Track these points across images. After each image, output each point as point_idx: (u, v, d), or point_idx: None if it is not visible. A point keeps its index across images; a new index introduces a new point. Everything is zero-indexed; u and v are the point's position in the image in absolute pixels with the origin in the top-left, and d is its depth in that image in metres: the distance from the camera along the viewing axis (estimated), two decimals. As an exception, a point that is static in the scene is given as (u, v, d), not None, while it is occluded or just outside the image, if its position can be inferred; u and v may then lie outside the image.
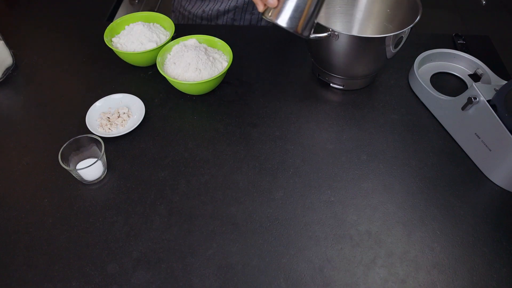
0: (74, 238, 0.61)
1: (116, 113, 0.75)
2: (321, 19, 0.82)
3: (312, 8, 0.63)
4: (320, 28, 0.68)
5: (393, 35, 0.68)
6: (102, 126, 0.73)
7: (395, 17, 0.78)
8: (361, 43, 0.70)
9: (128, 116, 0.76)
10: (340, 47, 0.71)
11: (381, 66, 0.79)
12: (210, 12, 0.99)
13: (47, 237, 0.61)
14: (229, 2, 0.97)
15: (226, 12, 0.98)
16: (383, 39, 0.69)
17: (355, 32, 0.85)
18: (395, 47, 0.72)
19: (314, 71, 0.83)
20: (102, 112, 0.76)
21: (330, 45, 0.71)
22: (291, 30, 0.63)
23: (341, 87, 0.80)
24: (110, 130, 0.73)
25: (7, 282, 0.57)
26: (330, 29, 0.67)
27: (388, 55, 0.74)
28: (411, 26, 0.68)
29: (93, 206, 0.64)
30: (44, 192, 0.66)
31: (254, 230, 0.61)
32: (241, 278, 0.57)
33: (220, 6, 0.97)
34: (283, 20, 0.62)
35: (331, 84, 0.80)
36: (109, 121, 0.74)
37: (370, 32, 0.83)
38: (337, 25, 0.84)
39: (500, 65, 0.85)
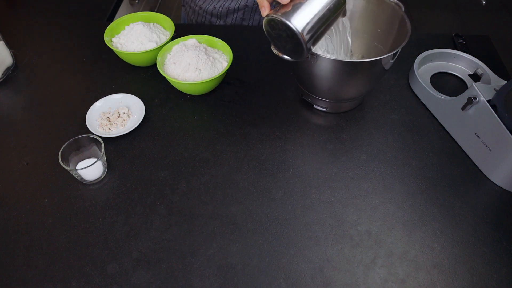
0: (74, 238, 0.61)
1: (116, 113, 0.75)
2: None
3: (324, 19, 0.58)
4: None
5: (378, 59, 0.63)
6: (102, 126, 0.73)
7: (385, 36, 0.74)
8: (341, 66, 0.65)
9: (128, 116, 0.76)
10: (319, 70, 0.66)
11: (367, 90, 0.74)
12: (220, 9, 0.99)
13: (47, 237, 0.61)
14: (239, 0, 0.97)
15: (236, 10, 0.99)
16: (362, 63, 0.64)
17: (342, 51, 0.79)
18: (381, 70, 0.67)
19: (298, 91, 0.80)
20: (102, 112, 0.76)
21: (309, 67, 0.67)
22: (296, 32, 0.56)
23: (324, 109, 0.77)
24: (110, 130, 0.73)
25: (7, 282, 0.57)
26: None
27: (372, 79, 0.69)
28: (393, 52, 0.63)
29: (93, 206, 0.64)
30: (44, 192, 0.66)
31: (254, 230, 0.61)
32: (241, 278, 0.57)
33: (230, 4, 0.98)
34: (291, 19, 0.56)
35: (314, 106, 0.77)
36: (109, 121, 0.74)
37: (357, 51, 0.79)
38: (324, 42, 0.79)
39: (500, 65, 0.85)
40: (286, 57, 0.63)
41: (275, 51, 0.64)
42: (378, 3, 0.72)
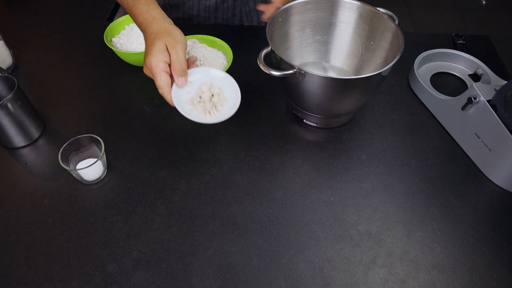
0: (74, 238, 0.61)
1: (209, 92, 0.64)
2: (296, 50, 0.77)
3: None
4: (287, 64, 0.63)
5: (365, 77, 0.62)
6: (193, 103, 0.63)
7: (378, 49, 0.73)
8: (329, 83, 0.63)
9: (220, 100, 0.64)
10: (308, 86, 0.64)
11: (357, 106, 0.72)
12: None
13: (47, 237, 0.61)
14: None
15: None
16: (352, 80, 0.63)
17: (333, 64, 0.80)
18: (372, 86, 0.66)
19: (288, 105, 0.78)
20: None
21: (298, 83, 0.64)
22: None
23: (314, 124, 0.75)
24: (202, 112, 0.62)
25: (7, 282, 0.57)
26: (296, 67, 0.61)
27: (362, 95, 0.68)
28: (384, 69, 0.61)
29: (93, 206, 0.64)
30: (44, 192, 0.66)
31: (254, 230, 0.61)
32: (241, 278, 0.57)
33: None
34: None
35: (304, 121, 0.75)
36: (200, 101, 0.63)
37: (350, 64, 0.78)
38: (316, 54, 0.80)
39: (500, 65, 0.85)
40: (273, 72, 0.62)
41: (262, 66, 0.62)
42: (372, 16, 0.71)
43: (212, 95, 0.64)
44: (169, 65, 0.61)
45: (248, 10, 0.97)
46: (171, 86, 0.61)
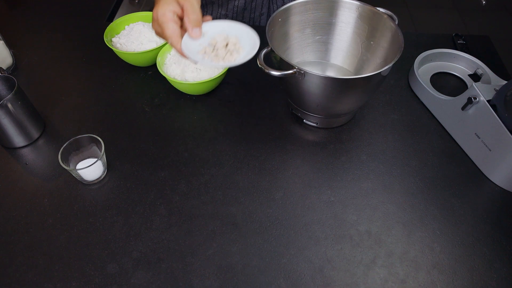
0: (74, 238, 0.61)
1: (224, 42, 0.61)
2: (296, 50, 0.77)
3: None
4: (286, 64, 0.62)
5: (365, 77, 0.62)
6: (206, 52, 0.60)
7: (378, 49, 0.73)
8: (329, 83, 0.63)
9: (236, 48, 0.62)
10: (308, 86, 0.64)
11: (357, 106, 0.72)
12: None
13: (47, 237, 0.61)
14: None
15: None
16: (351, 80, 0.62)
17: (332, 66, 0.80)
18: (372, 86, 0.66)
19: (288, 105, 0.78)
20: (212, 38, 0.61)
21: (297, 83, 0.64)
22: None
23: (314, 124, 0.75)
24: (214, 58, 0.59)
25: (7, 282, 0.57)
26: (296, 67, 0.61)
27: (362, 95, 0.67)
28: (384, 68, 0.61)
29: (93, 206, 0.64)
30: (44, 192, 0.66)
31: (254, 230, 0.61)
32: (241, 278, 0.57)
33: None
34: None
35: (304, 121, 0.75)
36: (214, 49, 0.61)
37: (351, 64, 0.78)
38: (316, 54, 0.79)
39: (500, 65, 0.85)
40: (273, 72, 0.62)
41: (262, 66, 0.62)
42: (372, 15, 0.71)
43: (227, 44, 0.60)
44: (181, 19, 0.57)
45: (276, 8, 0.97)
46: (181, 38, 0.57)
